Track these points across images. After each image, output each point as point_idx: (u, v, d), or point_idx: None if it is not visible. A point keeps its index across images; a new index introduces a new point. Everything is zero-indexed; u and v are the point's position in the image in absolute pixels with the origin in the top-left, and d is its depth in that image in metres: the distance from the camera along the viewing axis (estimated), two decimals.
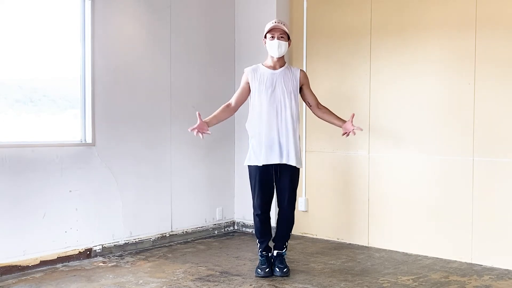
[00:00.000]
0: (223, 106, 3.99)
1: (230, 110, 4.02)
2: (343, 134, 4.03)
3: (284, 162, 3.88)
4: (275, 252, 4.05)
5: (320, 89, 5.24)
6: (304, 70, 5.30)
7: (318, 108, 4.11)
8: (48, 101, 4.38)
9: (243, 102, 4.07)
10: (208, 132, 3.83)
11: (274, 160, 3.87)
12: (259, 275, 3.93)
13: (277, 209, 4.14)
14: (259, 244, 4.08)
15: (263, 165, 3.89)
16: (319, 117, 4.16)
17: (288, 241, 4.12)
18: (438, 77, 4.51)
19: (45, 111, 4.35)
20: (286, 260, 4.08)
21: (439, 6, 4.49)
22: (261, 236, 4.05)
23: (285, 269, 3.96)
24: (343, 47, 5.10)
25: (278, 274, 3.94)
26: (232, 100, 4.02)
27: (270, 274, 3.94)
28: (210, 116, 3.92)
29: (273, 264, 4.01)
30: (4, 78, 4.05)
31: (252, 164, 3.95)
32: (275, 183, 4.00)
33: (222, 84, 5.57)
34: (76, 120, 4.44)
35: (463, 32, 4.35)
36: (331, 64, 5.19)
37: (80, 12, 4.41)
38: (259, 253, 4.06)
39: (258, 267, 4.00)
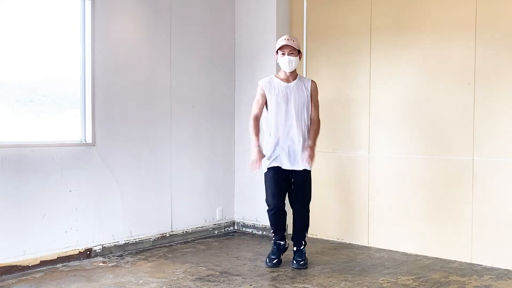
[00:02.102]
0: (255, 122, 4.20)
1: (259, 122, 4.27)
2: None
3: (296, 168, 4.16)
4: (294, 248, 4.27)
5: (320, 89, 5.23)
6: (304, 70, 5.31)
7: (312, 123, 4.26)
8: (48, 101, 4.38)
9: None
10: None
11: (287, 166, 4.16)
12: (267, 266, 4.20)
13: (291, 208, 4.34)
14: (273, 234, 4.32)
15: (277, 167, 4.16)
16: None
17: (306, 237, 4.31)
18: (438, 77, 4.50)
19: (45, 111, 4.35)
20: (306, 254, 4.29)
21: (439, 6, 4.49)
22: (275, 230, 4.29)
23: (302, 262, 4.17)
24: (343, 47, 5.10)
25: (294, 266, 4.16)
26: (258, 112, 4.25)
27: (277, 266, 4.19)
28: (257, 141, 4.14)
29: (293, 256, 4.24)
30: (4, 78, 4.05)
31: (269, 166, 4.19)
32: (291, 185, 4.24)
33: (222, 84, 5.57)
34: (76, 120, 4.44)
35: (463, 32, 4.35)
36: (331, 64, 5.19)
37: (80, 12, 4.41)
38: (273, 241, 4.31)
39: (268, 256, 4.27)
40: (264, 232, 5.39)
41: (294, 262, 4.19)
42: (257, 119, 4.22)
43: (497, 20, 4.19)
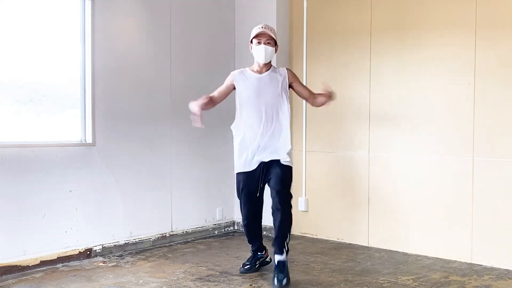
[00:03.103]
0: (206, 96, 3.79)
1: (213, 103, 3.91)
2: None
3: (272, 158, 3.79)
4: (276, 260, 3.71)
5: (319, 89, 5.23)
6: (304, 70, 5.31)
7: (314, 99, 4.02)
8: (48, 101, 4.38)
9: (222, 100, 4.01)
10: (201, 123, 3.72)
11: (260, 160, 3.82)
12: (240, 271, 4.04)
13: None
14: (250, 245, 4.18)
15: (249, 171, 3.86)
16: (318, 107, 4.11)
17: (288, 243, 3.78)
18: (438, 77, 4.51)
19: (45, 111, 4.35)
20: (288, 266, 3.76)
21: (439, 6, 4.49)
22: (250, 241, 4.14)
23: (284, 279, 3.61)
24: (343, 47, 5.10)
25: (276, 286, 3.59)
26: (214, 95, 3.93)
27: (248, 272, 4.01)
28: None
29: (273, 272, 3.69)
30: (4, 78, 4.05)
31: (239, 171, 3.93)
32: (267, 182, 3.87)
33: (222, 84, 5.56)
34: (76, 120, 4.44)
35: (463, 32, 4.35)
36: (331, 64, 5.19)
37: (80, 12, 4.41)
38: (250, 250, 4.17)
39: (243, 263, 4.13)
40: (264, 232, 5.37)
41: (275, 281, 3.62)
42: (209, 97, 3.78)
43: (497, 20, 4.18)
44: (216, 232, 5.50)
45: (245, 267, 4.06)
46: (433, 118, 4.53)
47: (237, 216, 5.70)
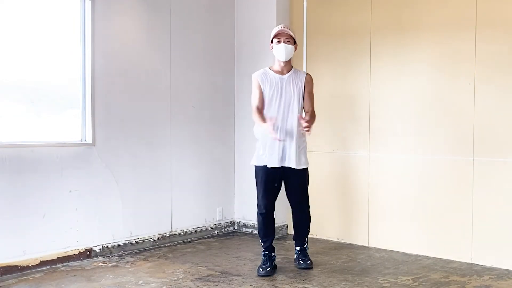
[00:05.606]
0: (258, 111, 3.99)
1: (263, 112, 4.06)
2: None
3: (288, 165, 4.00)
4: (297, 248, 4.26)
5: (320, 89, 5.23)
6: (304, 70, 5.30)
7: (308, 113, 4.11)
8: (48, 101, 4.38)
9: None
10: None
11: (279, 163, 3.99)
12: (260, 274, 3.96)
13: (289, 209, 4.31)
14: (262, 244, 4.12)
15: (269, 167, 4.01)
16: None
17: (308, 236, 4.31)
18: (438, 77, 4.51)
19: (45, 111, 4.35)
20: (308, 253, 4.27)
21: (439, 6, 4.49)
22: (264, 236, 4.12)
23: (308, 261, 4.17)
24: (343, 47, 5.10)
25: (302, 266, 4.15)
26: (259, 104, 4.03)
27: (270, 274, 3.96)
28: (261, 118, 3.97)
29: (297, 258, 4.24)
30: (4, 78, 4.05)
31: (259, 165, 4.07)
32: (285, 184, 4.14)
33: (222, 84, 5.57)
34: (76, 120, 4.44)
35: (463, 32, 4.35)
36: (331, 64, 5.19)
37: (80, 12, 4.41)
38: (262, 253, 4.10)
39: (260, 266, 4.04)
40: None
41: (301, 262, 4.18)
42: (259, 110, 4.00)
43: (497, 20, 4.19)
44: (216, 232, 5.50)
45: (266, 270, 3.97)
46: (433, 118, 4.53)
47: (237, 216, 5.71)
